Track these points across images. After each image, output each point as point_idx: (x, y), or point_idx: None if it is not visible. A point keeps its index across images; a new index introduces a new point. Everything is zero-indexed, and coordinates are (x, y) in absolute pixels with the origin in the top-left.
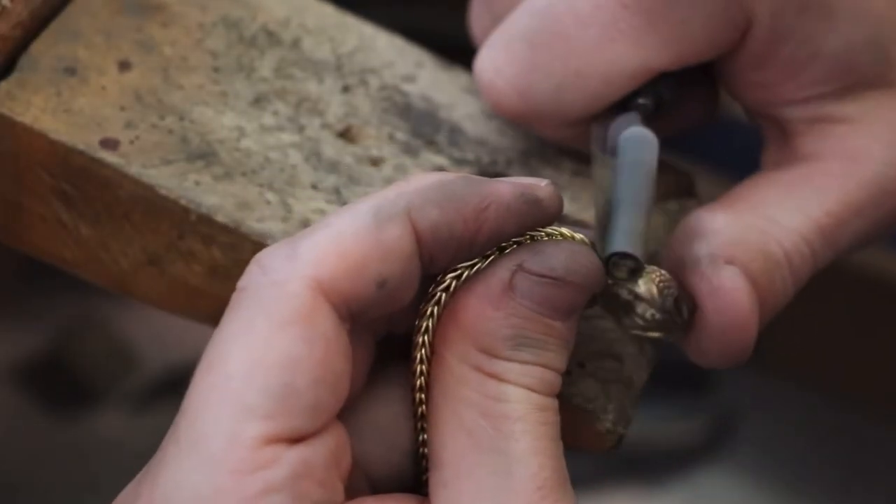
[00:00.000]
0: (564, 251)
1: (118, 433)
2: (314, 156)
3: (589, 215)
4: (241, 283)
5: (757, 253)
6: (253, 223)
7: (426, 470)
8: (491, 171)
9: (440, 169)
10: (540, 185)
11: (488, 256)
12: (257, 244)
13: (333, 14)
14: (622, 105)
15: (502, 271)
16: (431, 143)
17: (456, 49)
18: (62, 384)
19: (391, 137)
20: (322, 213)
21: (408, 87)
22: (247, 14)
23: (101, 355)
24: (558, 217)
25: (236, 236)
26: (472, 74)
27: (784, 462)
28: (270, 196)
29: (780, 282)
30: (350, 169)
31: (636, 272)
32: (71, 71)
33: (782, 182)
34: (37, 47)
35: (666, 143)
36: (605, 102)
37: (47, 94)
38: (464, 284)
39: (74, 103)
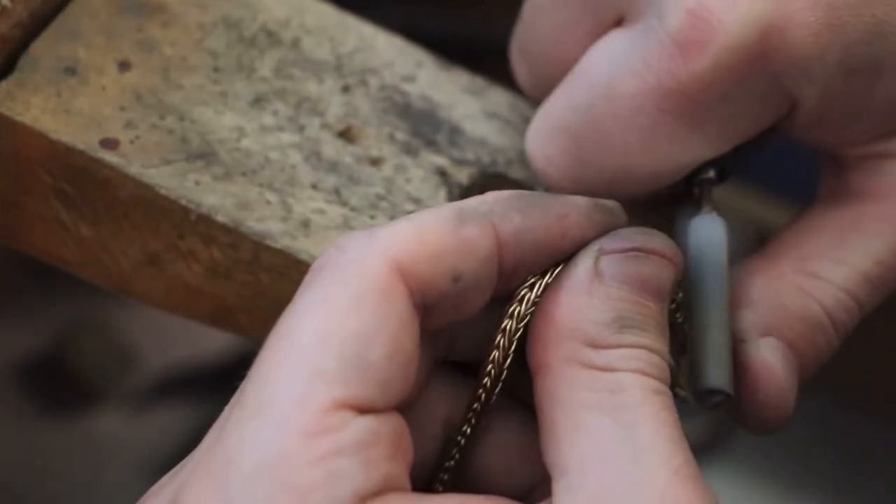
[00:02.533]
0: (636, 230)
1: (118, 433)
2: (314, 156)
3: None
4: (318, 263)
5: (797, 319)
6: (253, 223)
7: (454, 457)
8: (491, 172)
9: (440, 169)
10: (606, 200)
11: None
12: (257, 244)
13: (333, 14)
14: (687, 179)
15: (585, 260)
16: (431, 143)
17: (456, 49)
18: (62, 384)
19: (391, 137)
20: (322, 212)
21: (408, 87)
22: (247, 14)
23: (101, 355)
24: (626, 223)
25: (236, 236)
26: (526, 150)
27: (784, 462)
28: (270, 196)
29: (823, 341)
30: (350, 169)
31: (725, 403)
32: (71, 71)
33: (830, 228)
34: (37, 47)
35: None
36: (661, 187)
37: (47, 94)
38: (552, 285)
39: (74, 103)
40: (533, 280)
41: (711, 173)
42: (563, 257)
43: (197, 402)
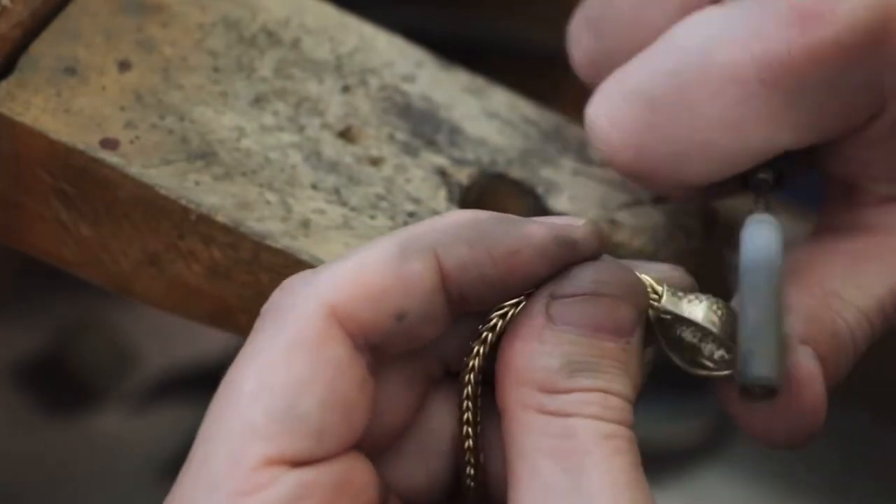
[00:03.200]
0: (589, 268)
1: (118, 433)
2: (314, 156)
3: (590, 215)
4: (264, 307)
5: (828, 334)
6: (253, 223)
7: (469, 490)
8: (491, 172)
9: (440, 169)
10: (576, 224)
11: (530, 294)
12: (257, 244)
13: (333, 14)
14: (742, 177)
15: (537, 305)
16: (431, 143)
17: (456, 49)
18: (62, 384)
19: (391, 137)
20: (322, 212)
21: (408, 87)
22: (247, 14)
23: (101, 355)
24: (596, 256)
25: (236, 236)
26: (586, 119)
27: (784, 462)
28: (270, 196)
29: (844, 360)
30: (350, 169)
31: (772, 393)
32: (71, 71)
33: (847, 254)
34: (37, 47)
35: None
36: (725, 175)
37: (47, 94)
38: (508, 329)
39: (74, 103)
40: (496, 320)
41: (770, 175)
42: (518, 291)
43: (197, 402)
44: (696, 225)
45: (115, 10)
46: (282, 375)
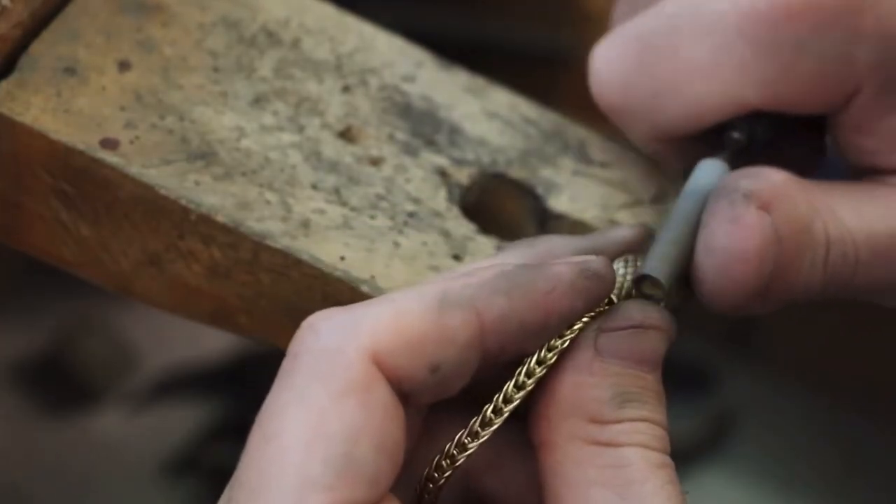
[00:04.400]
0: (634, 305)
1: (118, 433)
2: (314, 156)
3: (590, 215)
4: (293, 348)
5: (797, 221)
6: (253, 223)
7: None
8: (491, 172)
9: (440, 169)
10: (592, 259)
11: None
12: (257, 244)
13: (333, 14)
14: (716, 134)
15: (585, 340)
16: (431, 143)
17: (456, 49)
18: (62, 384)
19: (391, 137)
20: (322, 212)
21: (408, 87)
22: (247, 14)
23: (101, 355)
24: (614, 285)
25: (236, 236)
26: (591, 54)
27: (784, 462)
28: (270, 196)
29: (808, 262)
30: (350, 169)
31: (657, 293)
32: (71, 71)
33: (859, 185)
34: (37, 47)
35: None
36: (696, 123)
37: (47, 94)
38: (555, 364)
39: (74, 103)
40: (532, 360)
41: (743, 135)
42: (551, 333)
43: (197, 402)
44: None
45: (115, 10)
46: (334, 423)
